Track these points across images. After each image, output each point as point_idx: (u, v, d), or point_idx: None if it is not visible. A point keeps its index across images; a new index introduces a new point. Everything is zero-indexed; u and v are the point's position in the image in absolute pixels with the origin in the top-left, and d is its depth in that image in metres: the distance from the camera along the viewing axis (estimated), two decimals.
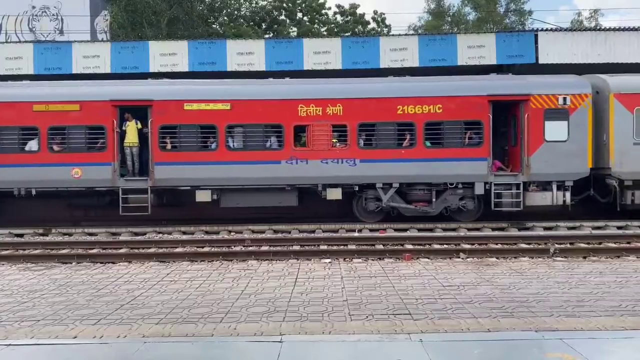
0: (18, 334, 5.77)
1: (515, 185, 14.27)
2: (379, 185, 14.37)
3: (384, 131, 14.34)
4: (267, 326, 5.91)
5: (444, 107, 14.15)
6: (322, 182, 14.36)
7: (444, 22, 43.63)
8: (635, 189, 14.28)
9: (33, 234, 14.05)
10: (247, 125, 14.38)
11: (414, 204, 14.52)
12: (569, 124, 14.12)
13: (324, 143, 14.20)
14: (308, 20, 41.31)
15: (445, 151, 14.21)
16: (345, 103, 14.21)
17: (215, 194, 14.49)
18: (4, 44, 20.90)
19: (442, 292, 7.42)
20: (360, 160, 14.21)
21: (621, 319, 6.04)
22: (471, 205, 14.59)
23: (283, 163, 14.20)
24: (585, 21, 41.71)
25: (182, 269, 9.29)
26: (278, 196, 14.62)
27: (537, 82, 14.64)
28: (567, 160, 14.08)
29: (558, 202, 14.25)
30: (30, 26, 30.52)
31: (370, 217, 14.91)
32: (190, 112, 14.20)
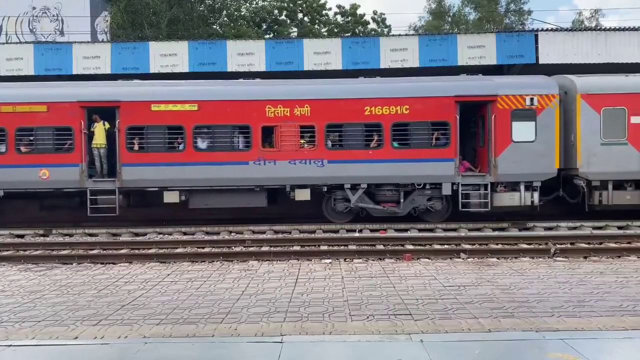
0: (19, 335, 5.77)
1: (483, 186, 14.29)
2: (347, 186, 14.40)
3: (352, 132, 14.35)
4: (268, 327, 5.91)
5: (411, 108, 14.18)
6: (290, 182, 14.37)
7: (444, 22, 43.63)
8: (603, 189, 14.28)
9: (33, 235, 14.07)
10: (214, 126, 14.38)
11: (383, 205, 14.56)
12: (537, 124, 14.14)
13: (291, 144, 14.21)
14: (309, 20, 41.31)
15: (412, 152, 14.25)
16: (313, 104, 14.23)
17: (183, 195, 14.50)
18: (5, 45, 20.93)
19: (442, 292, 7.42)
20: (328, 161, 14.24)
21: (622, 319, 6.03)
22: (439, 206, 14.65)
23: (251, 164, 14.21)
24: (586, 21, 41.75)
25: (183, 270, 9.30)
26: (247, 197, 14.61)
27: (504, 82, 14.68)
28: (535, 160, 14.10)
29: (526, 202, 14.27)
30: (31, 27, 30.55)
31: (340, 217, 14.92)
32: (157, 113, 14.19)
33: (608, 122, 14.11)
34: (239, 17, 39.58)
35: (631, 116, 14.12)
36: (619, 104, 14.14)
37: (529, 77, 15.25)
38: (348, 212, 14.80)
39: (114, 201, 14.15)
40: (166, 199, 14.45)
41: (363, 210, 14.74)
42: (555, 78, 14.95)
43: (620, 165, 14.09)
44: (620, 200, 14.30)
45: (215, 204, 14.69)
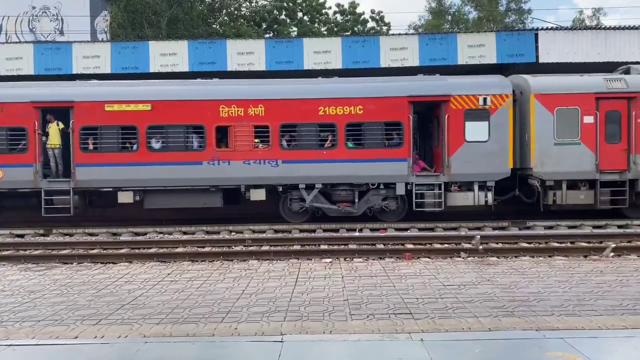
0: (19, 334, 5.77)
1: (437, 186, 14.33)
2: (302, 186, 14.44)
3: (306, 132, 14.39)
4: (268, 326, 5.91)
5: (364, 108, 14.22)
6: (244, 183, 14.40)
7: (444, 21, 43.59)
8: (557, 189, 14.32)
9: (34, 235, 14.08)
10: (168, 126, 14.38)
11: (338, 205, 14.61)
12: (490, 124, 14.17)
13: (246, 144, 14.24)
14: (308, 19, 41.27)
15: (366, 152, 14.28)
16: (267, 104, 14.25)
17: (138, 195, 14.52)
18: (4, 44, 20.92)
19: (442, 291, 7.42)
20: (282, 161, 14.28)
21: (622, 318, 6.03)
22: (394, 206, 14.72)
23: (205, 164, 14.23)
24: (588, 20, 41.71)
25: (183, 269, 9.29)
26: (202, 197, 14.62)
27: (457, 82, 14.67)
28: (488, 160, 14.14)
29: (480, 202, 14.32)
30: (31, 26, 30.54)
31: (296, 217, 14.96)
32: (111, 113, 14.21)
33: (561, 122, 14.15)
34: (239, 16, 39.56)
35: (584, 116, 14.16)
36: (572, 103, 14.17)
37: (483, 77, 15.25)
38: (304, 212, 14.85)
39: (69, 201, 14.18)
40: (120, 199, 14.47)
41: (319, 210, 14.79)
42: (512, 78, 15.02)
43: (573, 165, 14.13)
44: (574, 200, 14.35)
45: (170, 204, 14.69)
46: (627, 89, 14.21)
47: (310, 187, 14.46)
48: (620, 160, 14.24)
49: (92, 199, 15.25)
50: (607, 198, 14.33)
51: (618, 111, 14.24)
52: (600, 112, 14.18)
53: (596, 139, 14.17)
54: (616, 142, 14.25)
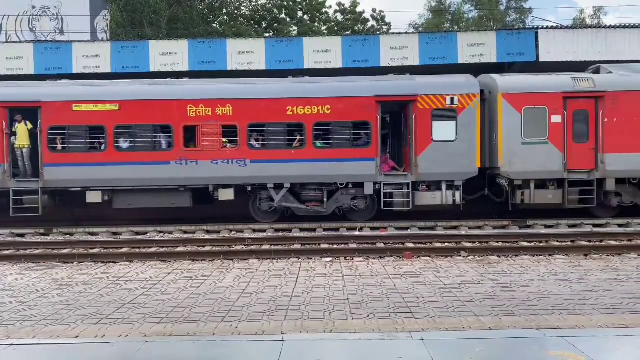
0: (20, 334, 5.77)
1: (405, 185, 14.34)
2: (270, 185, 14.43)
3: (274, 132, 14.38)
4: (269, 325, 5.91)
5: (332, 107, 14.22)
6: (213, 182, 14.40)
7: (444, 20, 43.55)
8: (525, 188, 14.32)
9: (34, 234, 14.09)
10: (135, 126, 14.38)
11: (307, 204, 14.61)
12: (457, 124, 14.19)
13: (214, 144, 14.23)
14: (308, 19, 41.24)
15: (334, 151, 14.30)
16: (234, 103, 14.26)
17: (106, 194, 14.52)
18: (4, 44, 20.91)
19: (443, 290, 7.42)
20: (250, 161, 14.28)
21: (623, 317, 6.03)
22: (362, 205, 14.72)
23: (172, 164, 14.23)
24: (589, 19, 41.65)
25: (184, 268, 9.30)
26: (171, 197, 14.61)
27: (425, 82, 14.65)
28: (456, 160, 14.14)
29: (448, 201, 14.33)
30: (31, 26, 30.52)
31: (266, 217, 14.96)
32: (78, 113, 14.21)
33: (529, 122, 14.15)
34: (239, 15, 39.53)
35: (552, 115, 14.16)
36: (539, 103, 14.17)
37: (451, 76, 15.22)
38: (273, 211, 14.84)
39: (38, 201, 14.20)
40: (89, 199, 14.46)
41: (288, 210, 14.80)
42: (482, 77, 15.03)
43: (541, 164, 14.14)
44: (543, 200, 14.36)
45: (139, 204, 14.70)
46: (594, 88, 14.19)
47: (279, 187, 14.46)
48: (588, 159, 14.24)
49: (62, 198, 15.21)
50: (575, 197, 14.34)
51: (586, 110, 14.24)
52: (568, 112, 14.18)
53: (564, 138, 14.17)
54: (584, 142, 14.26)
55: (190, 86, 14.74)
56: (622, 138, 14.06)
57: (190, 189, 14.57)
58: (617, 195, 14.53)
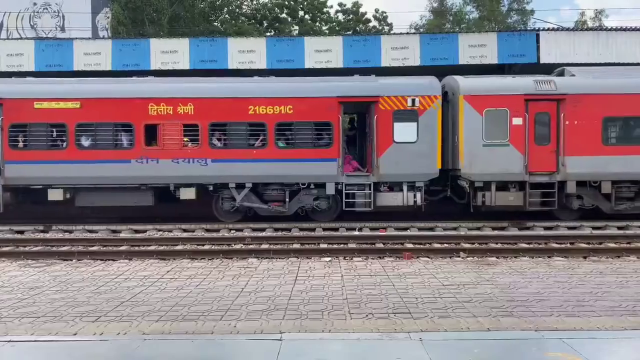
0: (18, 331, 5.78)
1: (367, 186, 14.32)
2: (232, 185, 14.37)
3: (236, 131, 14.33)
4: (267, 324, 5.91)
5: (294, 108, 14.18)
6: (174, 181, 14.34)
7: (446, 21, 43.55)
8: (486, 190, 14.29)
9: (33, 231, 14.07)
10: (97, 124, 14.30)
11: (269, 204, 14.57)
12: (419, 125, 14.14)
13: (175, 142, 14.17)
14: (310, 18, 41.23)
15: (296, 152, 14.25)
16: (196, 102, 14.19)
17: (68, 192, 14.45)
18: (5, 41, 20.92)
19: (442, 291, 7.43)
20: (212, 160, 14.21)
21: (621, 319, 6.04)
22: (325, 205, 14.68)
23: (133, 162, 14.17)
24: (590, 21, 41.65)
25: (182, 267, 9.30)
26: (133, 195, 14.53)
27: (387, 83, 14.60)
28: (417, 161, 14.12)
29: (409, 202, 14.32)
30: (32, 23, 30.52)
31: (228, 216, 14.87)
32: (40, 111, 14.16)
33: (490, 124, 14.11)
34: (240, 14, 39.53)
35: (513, 117, 14.11)
36: (501, 105, 14.13)
37: (413, 78, 15.18)
38: (235, 211, 14.77)
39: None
40: (50, 197, 14.40)
41: (251, 210, 14.77)
42: (447, 79, 15.03)
43: (502, 166, 14.11)
44: (503, 201, 14.34)
45: (101, 202, 14.65)
46: (556, 91, 14.15)
47: (240, 187, 14.40)
48: (549, 162, 14.20)
49: (24, 196, 15.14)
50: (536, 200, 14.29)
51: (547, 113, 14.20)
52: (530, 114, 14.15)
53: (525, 140, 14.12)
54: (545, 144, 14.21)
55: (151, 85, 14.69)
56: (583, 141, 14.03)
57: (153, 188, 14.50)
58: (578, 197, 14.48)
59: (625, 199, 14.51)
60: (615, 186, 14.34)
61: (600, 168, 14.13)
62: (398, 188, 14.40)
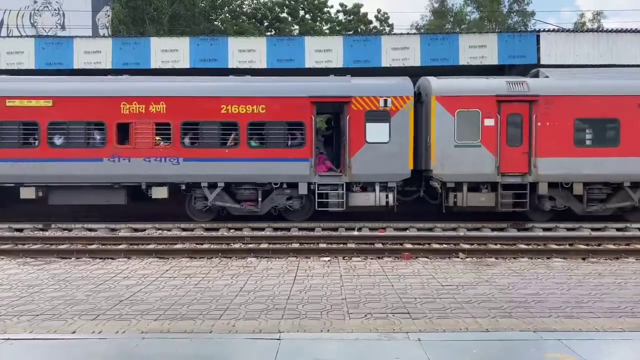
0: (17, 329, 5.77)
1: (340, 186, 14.32)
2: (204, 184, 14.35)
3: (208, 130, 14.30)
4: (266, 323, 5.91)
5: (267, 107, 14.17)
6: (145, 180, 14.32)
7: (446, 22, 43.57)
8: (458, 191, 14.30)
9: (32, 229, 14.07)
10: (69, 123, 14.27)
11: (242, 204, 14.56)
12: (391, 125, 14.17)
13: (147, 141, 14.16)
14: (310, 18, 41.24)
15: (268, 151, 14.25)
16: (168, 101, 14.17)
17: (40, 191, 14.44)
18: (6, 38, 20.91)
19: (440, 291, 7.43)
20: (184, 159, 14.19)
21: (620, 320, 6.04)
22: (298, 205, 14.67)
23: (105, 161, 14.15)
24: (588, 23, 41.69)
25: (182, 266, 9.30)
26: (106, 194, 14.52)
27: (360, 84, 14.61)
28: (389, 161, 14.13)
29: (381, 203, 14.32)
30: (32, 21, 30.51)
31: (201, 216, 14.84)
32: (12, 109, 14.15)
33: (462, 124, 14.11)
34: (241, 13, 39.53)
35: (485, 119, 14.11)
36: (473, 106, 14.13)
37: (385, 78, 15.18)
38: (208, 210, 14.74)
39: None
40: (22, 195, 14.37)
41: (224, 209, 14.76)
42: (421, 80, 15.03)
43: (473, 167, 14.09)
44: (475, 202, 14.34)
45: (74, 200, 14.64)
46: (528, 92, 14.14)
47: (213, 186, 14.37)
48: (521, 163, 14.17)
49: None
50: (508, 201, 14.27)
51: (520, 114, 14.18)
52: (502, 115, 14.13)
53: (497, 141, 14.11)
54: (517, 145, 14.18)
55: (123, 83, 14.68)
56: (555, 142, 14.02)
57: (126, 187, 14.49)
58: (550, 199, 14.46)
59: (597, 200, 14.51)
60: (587, 188, 14.33)
61: (572, 169, 14.12)
62: (371, 188, 14.42)
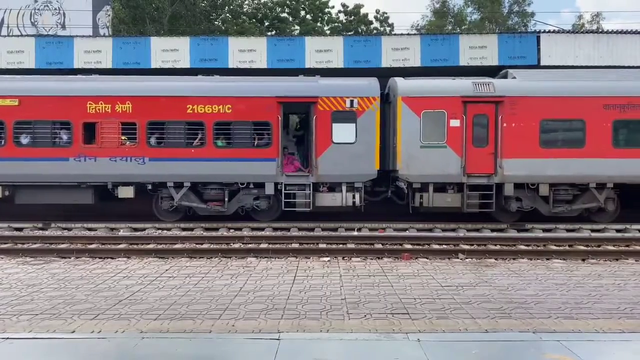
0: (16, 328, 5.77)
1: (307, 186, 14.34)
2: (170, 184, 14.35)
3: (174, 130, 14.29)
4: (265, 323, 5.92)
5: (233, 107, 14.19)
6: (111, 180, 14.32)
7: (447, 22, 43.59)
8: (424, 191, 14.32)
9: (32, 228, 14.08)
10: (35, 122, 14.26)
11: (209, 203, 14.55)
12: (357, 126, 14.19)
13: (112, 141, 14.16)
14: (311, 18, 41.25)
15: (235, 151, 14.25)
16: (134, 101, 14.18)
17: (7, 190, 14.45)
18: (6, 38, 20.88)
19: (440, 292, 7.43)
20: (149, 159, 14.20)
21: (619, 322, 6.05)
22: (265, 205, 14.66)
23: (71, 160, 14.16)
24: (587, 24, 41.73)
25: (181, 265, 9.30)
26: (73, 194, 14.50)
27: (327, 84, 14.62)
28: (355, 162, 14.15)
29: (348, 203, 14.34)
30: (32, 20, 30.47)
31: (168, 216, 14.84)
32: None
33: (428, 125, 14.13)
34: (242, 13, 39.55)
35: (450, 119, 14.12)
36: (438, 107, 14.14)
37: (352, 79, 15.18)
38: (175, 210, 14.73)
39: None
40: None
41: (190, 209, 14.76)
42: (390, 81, 15.03)
43: (439, 168, 14.12)
44: (442, 203, 14.35)
45: (41, 200, 14.61)
46: (494, 93, 14.13)
47: (179, 186, 14.37)
48: (487, 164, 14.17)
49: None
50: (474, 201, 14.28)
51: (486, 115, 14.18)
52: (468, 116, 14.14)
53: (463, 142, 14.12)
54: (483, 146, 14.17)
55: (90, 83, 14.67)
56: (521, 143, 14.01)
57: (93, 186, 14.48)
58: (517, 200, 14.45)
59: (564, 201, 14.49)
60: (553, 189, 14.32)
61: (538, 171, 14.11)
62: (338, 189, 14.43)
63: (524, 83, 14.41)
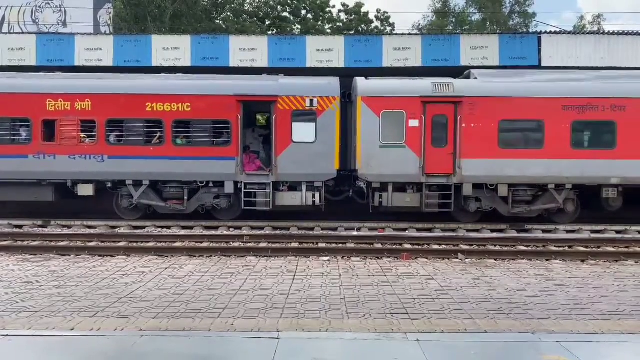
0: (15, 325, 5.77)
1: (267, 185, 14.32)
2: (129, 182, 14.33)
3: (133, 128, 14.28)
4: (265, 322, 5.91)
5: (192, 105, 14.17)
6: (71, 177, 14.31)
7: (448, 23, 43.58)
8: (383, 191, 14.33)
9: (32, 226, 14.08)
10: None
11: (168, 202, 14.52)
12: (317, 125, 14.19)
13: (72, 138, 14.15)
14: (312, 17, 41.23)
15: (194, 150, 14.25)
16: (93, 98, 14.17)
17: None
18: (7, 35, 20.88)
19: (439, 292, 7.43)
20: (108, 157, 14.19)
21: (618, 323, 6.04)
22: (225, 204, 14.62)
23: (30, 157, 14.14)
24: (589, 26, 41.74)
25: (181, 264, 9.30)
26: (33, 191, 14.47)
27: (286, 83, 14.62)
28: (315, 161, 14.15)
29: (308, 202, 14.34)
30: (34, 17, 30.44)
31: (128, 214, 14.83)
32: None
33: (387, 125, 14.13)
34: (243, 12, 39.54)
35: (410, 119, 14.13)
36: (398, 107, 14.14)
37: (312, 78, 15.21)
38: (135, 208, 14.72)
39: None
40: None
41: (150, 207, 14.74)
42: (353, 80, 14.99)
43: (398, 168, 14.11)
44: (401, 203, 14.37)
45: (2, 197, 14.57)
46: (453, 93, 14.12)
47: (138, 184, 14.36)
48: (446, 164, 14.17)
49: None
50: (434, 201, 14.28)
51: (445, 115, 14.18)
52: (427, 116, 14.13)
53: (422, 142, 14.11)
54: (442, 146, 14.17)
55: (50, 80, 14.67)
56: (479, 143, 14.00)
57: (53, 184, 14.45)
58: (477, 200, 14.45)
59: (523, 202, 14.49)
60: (512, 189, 14.31)
61: (497, 171, 14.10)
62: (298, 188, 14.43)
63: (483, 84, 14.39)
